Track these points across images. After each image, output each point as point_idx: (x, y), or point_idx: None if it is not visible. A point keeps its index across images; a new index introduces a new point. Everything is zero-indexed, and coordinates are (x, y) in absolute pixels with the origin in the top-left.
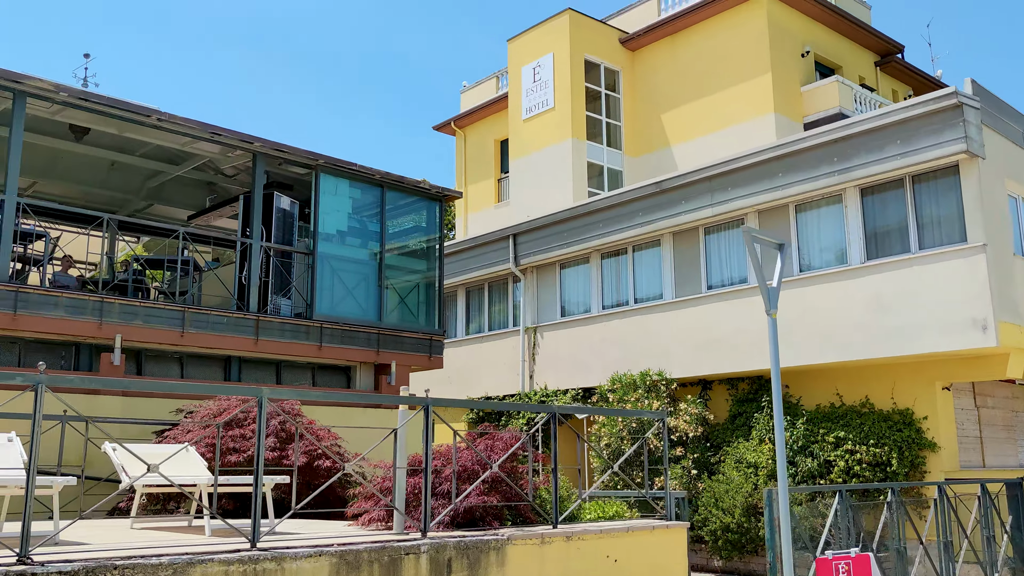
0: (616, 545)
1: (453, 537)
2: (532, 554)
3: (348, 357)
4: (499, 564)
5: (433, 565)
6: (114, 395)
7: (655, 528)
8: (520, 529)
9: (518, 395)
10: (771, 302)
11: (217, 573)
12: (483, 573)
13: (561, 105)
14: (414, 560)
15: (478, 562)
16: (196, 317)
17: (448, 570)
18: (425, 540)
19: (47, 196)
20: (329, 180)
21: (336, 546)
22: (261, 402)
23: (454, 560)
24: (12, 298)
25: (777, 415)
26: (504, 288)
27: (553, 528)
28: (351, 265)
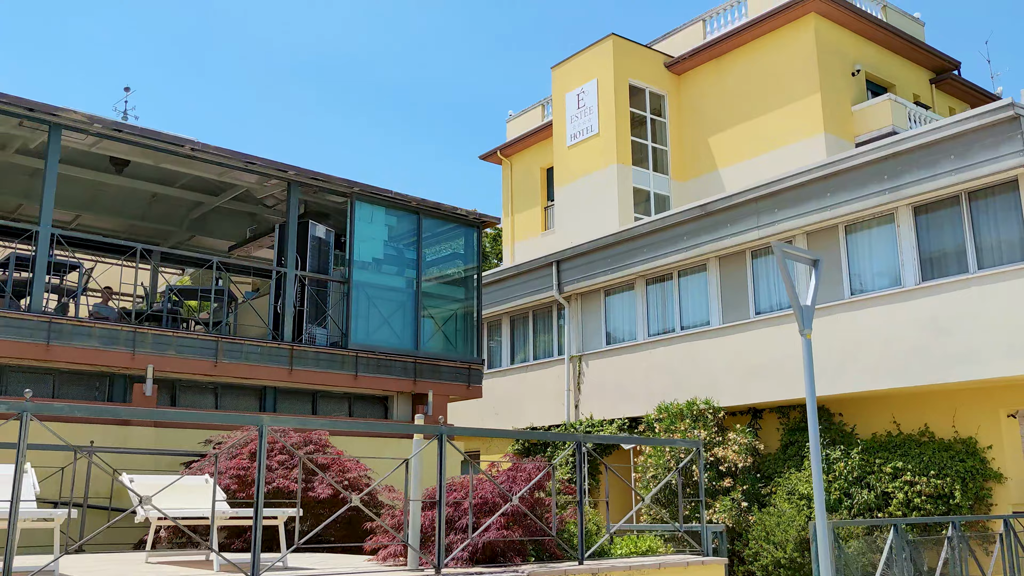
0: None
1: (469, 574)
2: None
3: (384, 387)
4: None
5: None
6: (146, 426)
7: (689, 564)
8: (543, 565)
9: (563, 425)
10: (805, 321)
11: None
12: None
13: (605, 131)
14: None
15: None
16: (229, 347)
17: None
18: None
19: (90, 229)
20: (365, 208)
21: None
22: (261, 431)
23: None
24: (46, 329)
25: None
26: (549, 316)
27: (579, 564)
28: (387, 293)
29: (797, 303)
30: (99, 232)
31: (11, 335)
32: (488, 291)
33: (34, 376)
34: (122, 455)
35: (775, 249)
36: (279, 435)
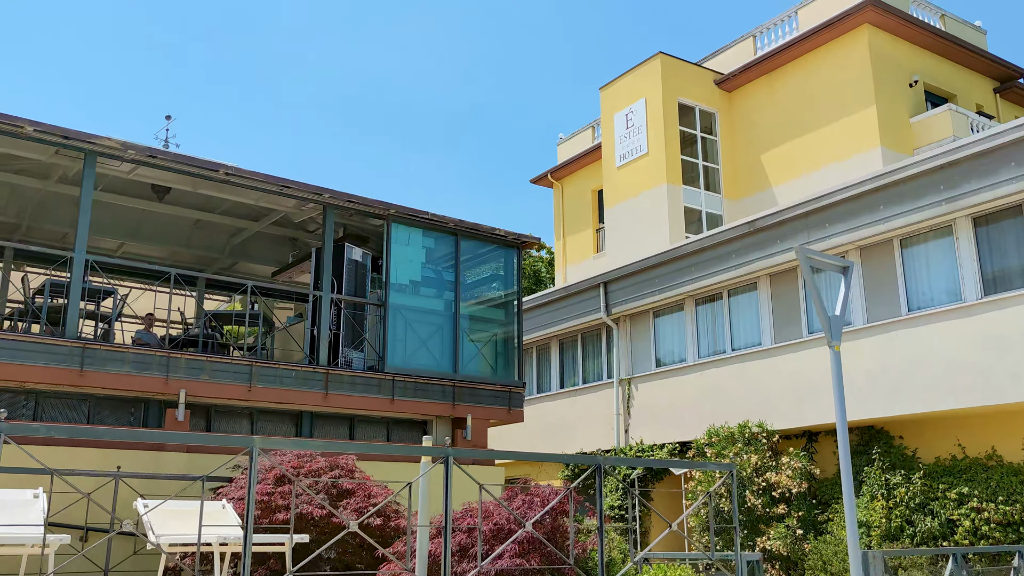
0: None
1: None
2: None
3: (422, 411)
4: None
5: None
6: (179, 451)
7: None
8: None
9: (613, 450)
10: (833, 333)
11: None
12: None
13: (655, 150)
14: None
15: None
16: (263, 371)
17: None
18: None
19: (136, 256)
20: (401, 230)
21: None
22: (252, 453)
23: None
24: (79, 355)
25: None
26: (597, 339)
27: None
28: (425, 316)
29: (824, 312)
30: (144, 259)
31: (45, 361)
32: (536, 314)
33: (70, 401)
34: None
35: (798, 255)
36: (305, 460)
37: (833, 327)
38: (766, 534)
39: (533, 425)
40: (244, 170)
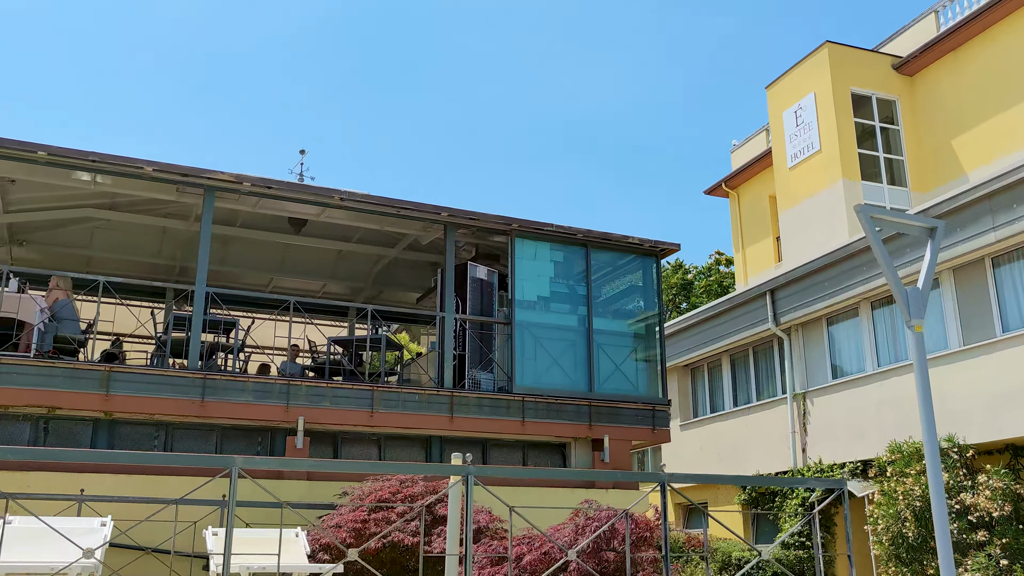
0: None
1: None
2: None
3: (556, 433)
4: None
5: None
6: (299, 479)
7: None
8: None
9: (790, 472)
10: (912, 308)
11: None
12: None
13: (828, 146)
14: None
15: None
16: (385, 396)
17: None
18: None
19: (285, 290)
20: (527, 245)
21: None
22: (232, 474)
23: None
24: (200, 385)
25: (934, 481)
26: (769, 352)
27: None
28: (556, 333)
29: (897, 285)
30: (296, 293)
31: (168, 392)
32: (702, 329)
33: (199, 432)
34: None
35: (859, 216)
36: (406, 484)
37: (911, 301)
38: (963, 564)
39: (709, 447)
40: (359, 194)
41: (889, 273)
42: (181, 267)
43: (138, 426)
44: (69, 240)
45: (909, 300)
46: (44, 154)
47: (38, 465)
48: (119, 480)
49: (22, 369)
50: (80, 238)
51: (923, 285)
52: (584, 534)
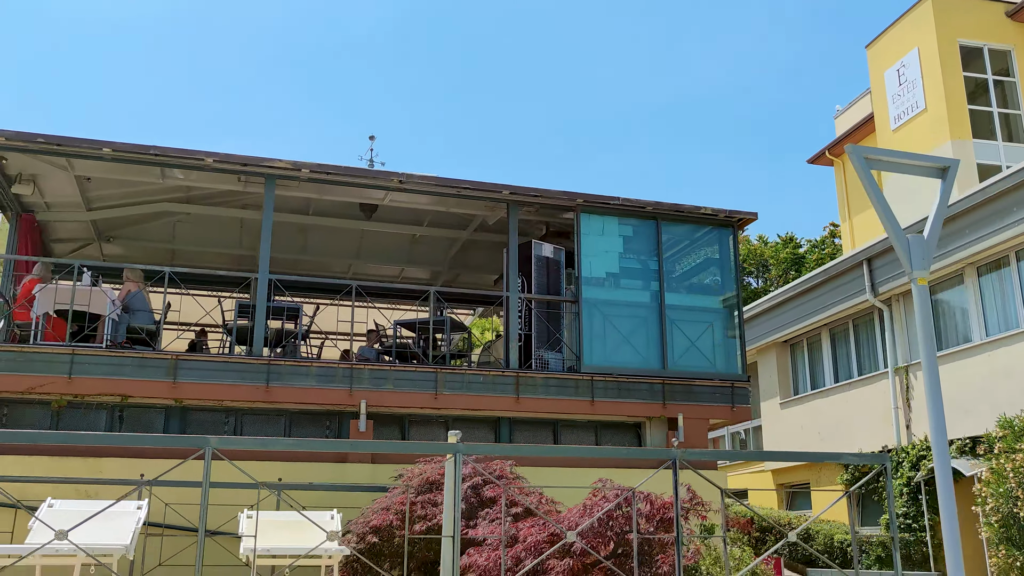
0: None
1: None
2: None
3: (628, 412)
4: None
5: None
6: (363, 461)
7: None
8: None
9: (895, 450)
10: (914, 258)
11: None
12: None
13: (934, 104)
14: None
15: None
16: (449, 379)
17: None
18: None
19: (365, 276)
20: (593, 220)
21: None
22: (207, 455)
23: None
24: (265, 371)
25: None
26: (869, 324)
27: None
28: (626, 309)
29: (896, 231)
30: (375, 280)
31: (234, 379)
32: (799, 303)
33: (268, 417)
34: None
35: (851, 156)
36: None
37: (912, 251)
38: None
39: (810, 425)
40: (417, 176)
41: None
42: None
43: (208, 412)
44: (153, 235)
45: (911, 249)
46: (109, 151)
47: (109, 451)
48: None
49: (95, 360)
50: (163, 233)
51: (929, 233)
52: (592, 514)
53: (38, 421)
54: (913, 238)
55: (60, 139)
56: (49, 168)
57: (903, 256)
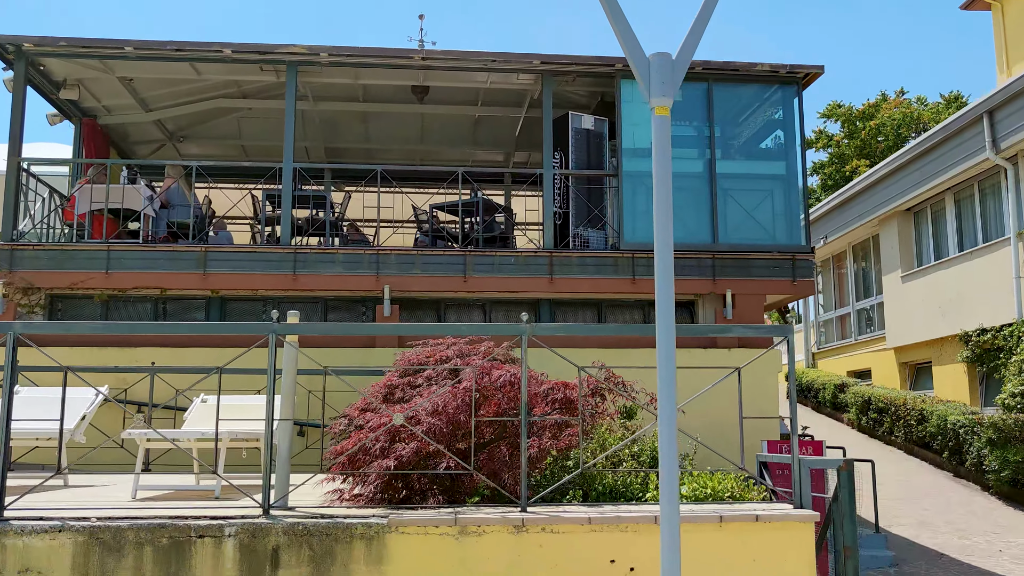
0: (636, 544)
1: (295, 516)
2: (440, 552)
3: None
4: (371, 562)
5: (244, 554)
6: (390, 346)
7: (760, 518)
8: (438, 511)
9: (1015, 325)
10: (654, 85)
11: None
12: (340, 572)
13: None
14: (212, 546)
15: (330, 556)
16: (478, 261)
17: (274, 564)
18: (256, 520)
19: (429, 161)
20: (636, 86)
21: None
22: (270, 339)
23: (283, 550)
24: (291, 260)
25: None
26: (996, 187)
27: (521, 512)
28: (673, 181)
29: (629, 47)
30: (437, 163)
31: (263, 269)
32: (919, 166)
33: (300, 305)
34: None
35: None
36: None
37: (655, 78)
38: None
39: (931, 300)
40: (439, 51)
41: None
42: (326, 148)
43: (245, 302)
44: (221, 132)
45: (651, 74)
46: (131, 48)
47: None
48: (205, 351)
49: (129, 255)
50: (230, 129)
51: (679, 54)
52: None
53: (87, 315)
54: (656, 59)
55: (84, 41)
56: (90, 72)
57: (641, 79)
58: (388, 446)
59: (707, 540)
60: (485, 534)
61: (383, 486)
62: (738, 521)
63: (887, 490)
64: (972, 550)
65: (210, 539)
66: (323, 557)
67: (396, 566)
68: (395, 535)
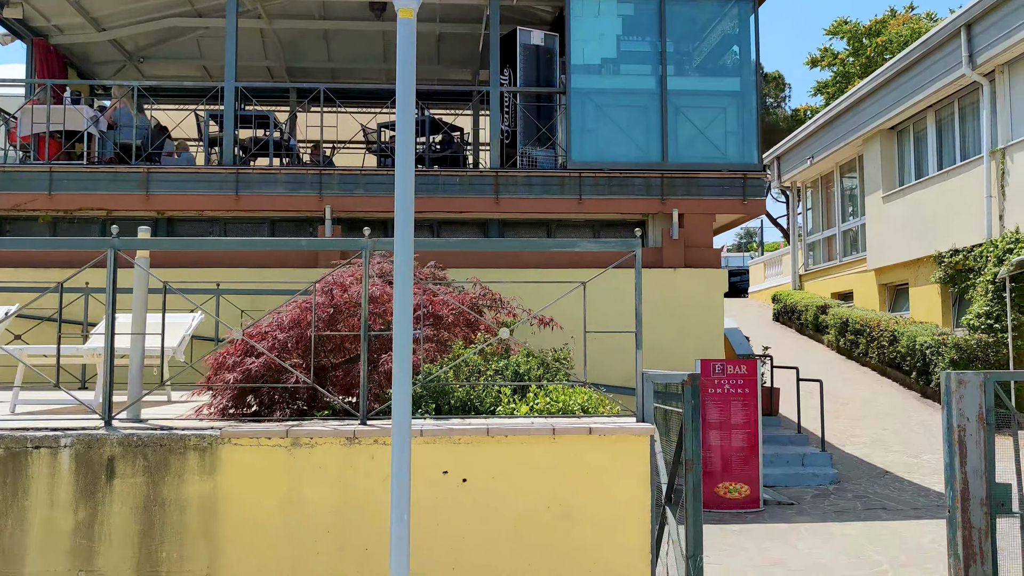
0: (469, 455)
1: (132, 427)
2: (272, 463)
3: (622, 209)
4: (204, 472)
5: (80, 465)
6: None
7: (594, 431)
8: (271, 424)
9: (983, 245)
10: None
11: None
12: (175, 484)
13: None
14: (48, 456)
15: (164, 466)
16: (422, 180)
17: (109, 474)
18: (94, 431)
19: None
20: (587, 1)
21: None
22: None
23: (118, 460)
24: (234, 180)
25: None
26: (971, 105)
27: (361, 425)
28: (624, 98)
29: None
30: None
31: (203, 189)
32: (900, 83)
33: (246, 226)
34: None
35: None
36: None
37: None
38: None
39: (911, 220)
40: None
41: None
42: (288, 68)
43: (191, 223)
44: (181, 52)
45: None
46: None
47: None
48: None
49: (71, 176)
50: (190, 49)
51: None
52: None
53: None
54: None
55: None
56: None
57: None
58: (239, 360)
59: (541, 453)
60: (317, 446)
61: (235, 400)
62: (571, 434)
63: (852, 409)
64: (917, 468)
65: (46, 450)
66: (157, 467)
67: (228, 476)
68: (228, 446)
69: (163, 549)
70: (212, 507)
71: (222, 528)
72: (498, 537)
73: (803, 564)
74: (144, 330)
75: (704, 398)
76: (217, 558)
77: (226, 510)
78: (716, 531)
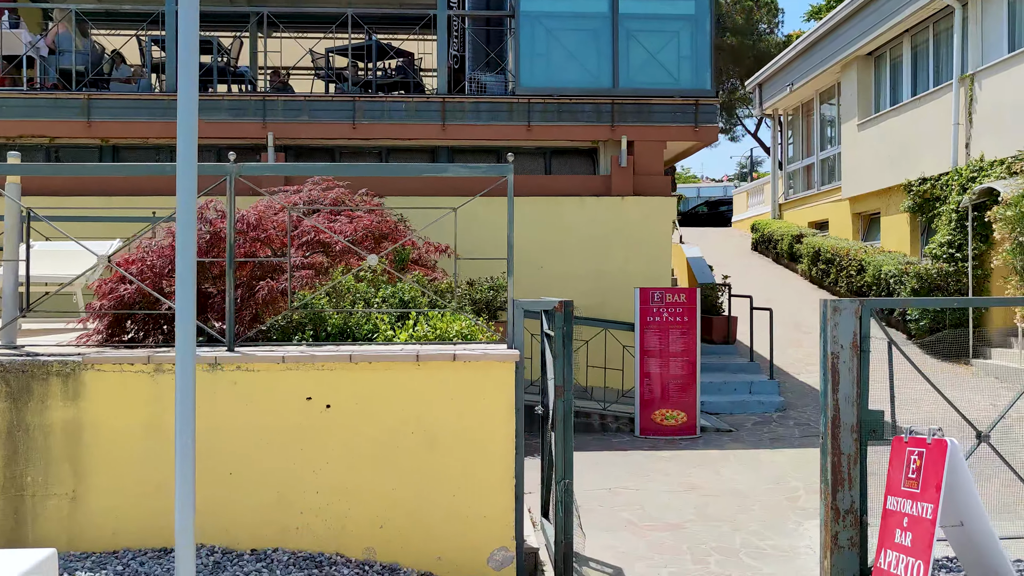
0: (332, 382)
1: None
2: (135, 389)
3: (572, 136)
4: (67, 398)
5: None
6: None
7: (425, 359)
8: (134, 350)
9: (949, 173)
10: None
11: None
12: (38, 409)
13: None
14: None
15: (27, 392)
16: (368, 107)
17: None
18: None
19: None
20: None
21: None
22: None
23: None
24: (175, 107)
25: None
26: (948, 29)
27: (228, 351)
28: (574, 21)
29: None
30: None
31: (144, 116)
32: (874, 8)
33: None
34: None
35: None
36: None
37: None
38: None
39: (883, 149)
40: None
41: None
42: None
43: (136, 151)
44: None
45: None
46: None
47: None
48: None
49: (10, 102)
50: None
51: None
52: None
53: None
54: None
55: None
56: None
57: None
58: (115, 287)
59: (406, 379)
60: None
61: (112, 327)
62: (435, 360)
63: (814, 338)
64: None
65: None
66: (20, 393)
67: (92, 402)
68: (91, 372)
69: (28, 473)
70: (76, 432)
71: (87, 453)
72: (361, 462)
73: (720, 490)
74: (16, 257)
75: (643, 326)
76: (82, 482)
77: (91, 435)
78: (645, 457)
